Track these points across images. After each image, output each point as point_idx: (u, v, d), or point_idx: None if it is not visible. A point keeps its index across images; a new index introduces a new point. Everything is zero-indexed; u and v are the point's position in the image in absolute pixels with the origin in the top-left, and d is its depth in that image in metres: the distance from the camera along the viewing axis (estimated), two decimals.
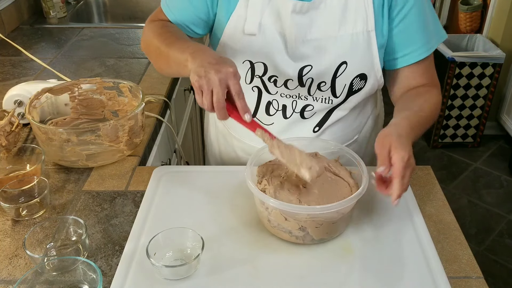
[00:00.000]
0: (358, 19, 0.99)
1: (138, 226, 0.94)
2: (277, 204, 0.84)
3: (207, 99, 0.84)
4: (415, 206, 0.99)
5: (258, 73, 1.06)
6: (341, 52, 1.01)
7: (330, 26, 1.00)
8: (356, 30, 1.00)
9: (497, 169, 2.92)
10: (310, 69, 1.03)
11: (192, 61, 0.89)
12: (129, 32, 1.93)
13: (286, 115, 1.11)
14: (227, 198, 1.01)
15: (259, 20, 1.00)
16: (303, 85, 1.05)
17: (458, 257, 0.88)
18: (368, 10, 0.99)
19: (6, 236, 0.93)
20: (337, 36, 1.00)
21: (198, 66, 0.86)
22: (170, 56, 0.96)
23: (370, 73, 1.04)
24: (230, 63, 0.86)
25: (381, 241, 0.91)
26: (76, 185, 1.07)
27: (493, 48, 2.87)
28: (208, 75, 0.83)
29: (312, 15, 0.99)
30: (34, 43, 1.84)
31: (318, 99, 1.08)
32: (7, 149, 1.08)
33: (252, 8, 1.00)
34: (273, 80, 1.06)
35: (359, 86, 1.06)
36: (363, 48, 1.01)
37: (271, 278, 0.83)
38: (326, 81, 1.04)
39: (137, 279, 0.83)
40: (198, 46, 0.93)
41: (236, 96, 0.85)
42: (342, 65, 1.02)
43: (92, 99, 1.25)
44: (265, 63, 1.04)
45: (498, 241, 2.41)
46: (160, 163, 1.40)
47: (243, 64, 1.06)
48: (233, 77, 0.84)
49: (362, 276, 0.84)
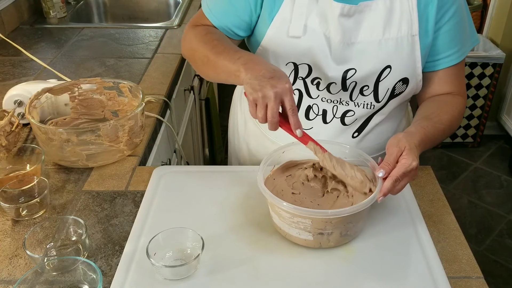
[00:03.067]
0: (403, 23, 0.99)
1: (138, 226, 0.94)
2: (290, 208, 0.83)
3: (261, 113, 0.85)
4: (415, 206, 0.99)
5: (302, 75, 1.05)
6: (385, 56, 1.01)
7: (375, 29, 0.99)
8: (401, 34, 0.99)
9: (497, 169, 2.92)
10: (354, 72, 1.02)
11: (245, 72, 0.89)
12: (129, 32, 1.93)
13: (326, 120, 1.10)
14: (227, 198, 1.01)
15: (304, 23, 1.00)
16: (346, 89, 1.05)
17: (458, 257, 0.88)
18: (413, 14, 0.99)
19: (6, 236, 0.93)
20: (381, 40, 1.00)
21: (253, 79, 0.86)
22: (219, 65, 0.96)
23: (412, 77, 1.04)
24: (285, 78, 0.87)
25: (381, 241, 0.91)
26: (76, 185, 1.07)
27: (493, 48, 2.87)
28: (263, 89, 0.84)
29: (357, 18, 0.99)
30: (34, 43, 1.84)
31: (360, 105, 1.07)
32: (7, 149, 1.08)
33: (297, 10, 1.00)
34: (316, 83, 1.06)
35: (400, 90, 1.06)
36: (407, 52, 1.01)
37: (271, 278, 0.83)
38: (369, 85, 1.04)
39: (137, 279, 0.83)
40: (250, 56, 0.93)
41: (290, 111, 0.86)
42: (386, 69, 1.02)
43: (92, 99, 1.25)
44: (309, 65, 1.03)
45: (498, 241, 2.41)
46: (160, 163, 1.40)
47: (286, 66, 1.05)
48: (288, 93, 0.85)
49: (362, 276, 0.84)
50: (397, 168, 0.85)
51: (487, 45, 2.93)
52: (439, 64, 1.06)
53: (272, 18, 1.02)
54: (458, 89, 1.08)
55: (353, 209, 0.83)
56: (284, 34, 1.02)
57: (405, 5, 0.98)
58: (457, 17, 1.01)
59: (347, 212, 0.83)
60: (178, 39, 1.85)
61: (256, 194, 0.99)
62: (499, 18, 2.95)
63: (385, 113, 1.10)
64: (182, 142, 1.81)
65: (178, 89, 1.71)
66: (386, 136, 1.15)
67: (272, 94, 0.84)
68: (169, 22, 2.01)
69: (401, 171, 0.85)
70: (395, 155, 0.87)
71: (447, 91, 1.07)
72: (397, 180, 0.85)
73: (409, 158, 0.85)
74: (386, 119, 1.12)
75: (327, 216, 0.83)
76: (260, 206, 0.98)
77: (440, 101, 1.05)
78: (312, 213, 0.83)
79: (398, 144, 0.88)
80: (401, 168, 0.85)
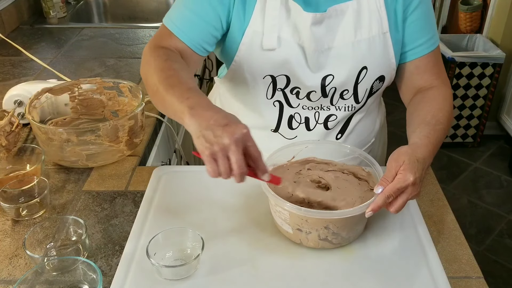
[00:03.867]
0: (372, 22, 1.00)
1: (138, 226, 0.94)
2: (272, 196, 0.85)
3: (224, 167, 0.75)
4: (415, 206, 0.99)
5: (280, 86, 1.05)
6: (360, 58, 1.01)
7: (346, 33, 1.00)
8: (372, 33, 1.00)
9: (497, 169, 2.92)
10: (332, 78, 1.03)
11: (191, 119, 0.78)
12: (129, 32, 1.93)
13: (309, 127, 1.10)
14: (227, 198, 1.01)
15: (277, 34, 0.99)
16: (326, 95, 1.05)
17: (458, 257, 0.88)
18: (381, 12, 1.00)
19: (6, 236, 0.93)
20: (354, 42, 1.00)
21: (204, 129, 0.75)
22: (166, 100, 0.85)
23: (388, 74, 1.05)
24: (241, 123, 0.77)
25: (381, 241, 0.91)
26: (76, 185, 1.07)
27: (493, 48, 2.87)
28: (221, 140, 0.74)
29: (328, 24, 0.99)
30: (34, 43, 1.84)
31: (341, 108, 1.08)
32: (7, 149, 1.08)
33: (269, 22, 0.98)
34: (295, 92, 1.06)
35: (377, 88, 1.07)
36: (380, 51, 1.01)
37: (271, 278, 0.83)
38: (349, 89, 1.05)
39: (137, 279, 0.83)
40: (200, 100, 0.82)
41: (256, 155, 0.77)
42: (362, 71, 1.02)
43: (92, 99, 1.25)
44: (287, 75, 1.03)
45: (498, 241, 2.41)
46: (160, 163, 1.40)
47: (264, 80, 1.04)
48: (250, 137, 0.76)
49: (362, 276, 0.84)
50: (392, 184, 0.81)
51: (487, 45, 2.93)
52: (413, 54, 1.06)
53: (243, 32, 1.00)
54: (439, 78, 1.07)
55: (327, 215, 0.83)
56: (257, 48, 0.99)
57: (372, 5, 0.99)
58: (423, 6, 1.02)
59: (319, 215, 0.82)
60: None
61: (256, 194, 0.99)
62: (499, 18, 2.95)
63: (364, 110, 1.12)
64: (182, 142, 1.81)
65: None
66: (367, 131, 1.17)
67: (233, 142, 0.73)
68: None
69: (395, 187, 0.81)
70: (393, 171, 0.83)
71: (429, 82, 1.06)
72: (390, 196, 0.81)
73: (406, 173, 0.81)
74: (365, 116, 1.14)
75: (300, 213, 0.82)
76: (260, 206, 0.98)
77: (429, 98, 1.03)
78: (289, 207, 0.83)
79: (397, 159, 0.84)
80: (395, 184, 0.81)
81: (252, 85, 1.06)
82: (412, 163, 0.82)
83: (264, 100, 1.08)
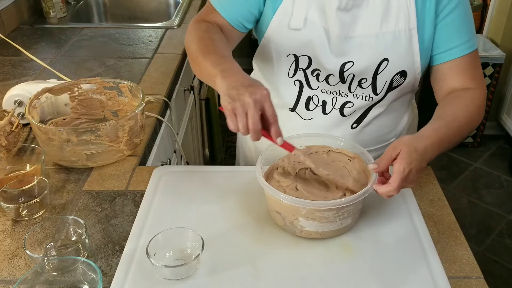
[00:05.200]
0: (400, 17, 1.01)
1: (138, 226, 0.94)
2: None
3: (242, 123, 0.83)
4: (415, 206, 0.99)
5: (302, 66, 1.08)
6: (382, 49, 1.03)
7: (372, 23, 1.02)
8: (398, 28, 1.01)
9: (497, 169, 2.92)
10: (351, 65, 1.04)
11: (222, 80, 0.88)
12: (129, 32, 1.93)
13: (325, 111, 1.12)
14: (227, 198, 1.01)
15: (305, 15, 1.03)
16: (344, 81, 1.07)
17: (458, 257, 0.88)
18: (410, 9, 1.01)
19: (6, 236, 0.93)
20: (378, 33, 1.02)
21: (230, 88, 0.85)
22: (203, 66, 0.97)
23: (410, 70, 1.06)
24: (262, 86, 0.86)
25: (381, 241, 0.91)
26: (76, 185, 1.07)
27: (493, 48, 2.87)
28: (241, 97, 0.82)
29: (355, 12, 1.01)
30: (34, 43, 1.84)
31: (358, 97, 1.09)
32: (7, 149, 1.08)
33: (298, 3, 1.03)
34: (315, 74, 1.08)
35: (398, 83, 1.07)
36: (404, 46, 1.02)
37: (271, 278, 0.83)
38: (367, 78, 1.06)
39: (137, 279, 0.83)
40: (231, 65, 0.92)
41: (271, 118, 0.85)
42: (383, 62, 1.04)
43: (92, 99, 1.25)
44: (309, 56, 1.06)
45: (498, 241, 2.41)
46: (160, 163, 1.40)
47: (287, 58, 1.08)
48: (268, 100, 0.84)
49: (362, 277, 0.84)
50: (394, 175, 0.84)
51: (487, 45, 2.93)
52: (447, 55, 1.06)
53: (275, 10, 1.05)
54: (473, 80, 1.06)
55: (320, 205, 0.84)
56: (285, 26, 1.05)
57: (402, 0, 1.00)
58: (460, 9, 1.02)
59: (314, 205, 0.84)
60: (178, 39, 1.85)
61: (256, 194, 0.99)
62: (499, 18, 2.95)
63: (384, 105, 1.12)
64: (182, 142, 1.81)
65: (178, 89, 1.71)
66: (385, 129, 1.17)
67: (252, 101, 0.82)
68: (169, 22, 2.01)
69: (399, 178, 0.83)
70: (389, 155, 0.86)
71: (462, 84, 1.06)
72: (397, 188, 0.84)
73: (403, 161, 0.83)
74: (386, 112, 1.13)
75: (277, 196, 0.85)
76: (260, 205, 0.98)
77: (456, 97, 1.04)
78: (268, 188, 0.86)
79: (396, 146, 0.86)
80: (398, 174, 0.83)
81: (277, 63, 1.11)
82: (411, 152, 0.84)
83: (285, 78, 1.12)
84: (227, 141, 3.13)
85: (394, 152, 0.86)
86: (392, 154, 0.86)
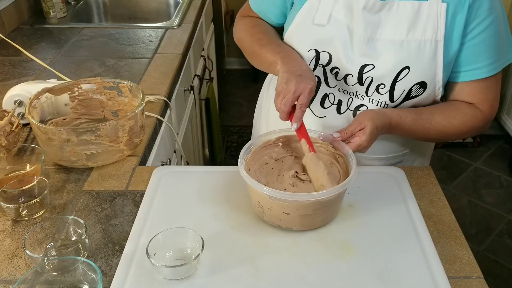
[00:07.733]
0: (428, 26, 0.98)
1: (138, 226, 0.94)
2: (270, 192, 0.87)
3: (280, 102, 0.95)
4: (415, 206, 0.99)
5: (322, 63, 1.08)
6: (405, 57, 1.00)
7: (398, 29, 0.99)
8: (425, 37, 0.99)
9: (497, 169, 2.92)
10: (371, 68, 1.03)
11: (282, 64, 1.01)
12: (129, 32, 1.93)
13: (340, 110, 1.11)
14: (227, 198, 1.01)
15: (330, 12, 1.03)
16: (362, 83, 1.05)
17: (458, 257, 0.89)
18: (440, 20, 0.98)
19: (6, 236, 0.93)
20: (404, 40, 1.00)
21: (285, 72, 0.98)
22: (262, 56, 1.10)
23: (431, 83, 1.03)
24: (311, 79, 0.96)
25: (381, 241, 0.91)
26: (76, 185, 1.07)
27: None
28: (289, 82, 0.95)
29: (382, 15, 1.00)
30: (34, 43, 1.84)
31: (374, 101, 1.07)
32: (7, 149, 1.08)
33: (325, 0, 1.04)
34: (334, 72, 1.07)
35: (416, 93, 1.04)
36: (428, 57, 1.00)
37: (271, 278, 0.83)
38: (386, 84, 1.03)
39: (137, 279, 0.83)
40: (289, 52, 1.06)
41: (298, 105, 0.95)
42: (404, 70, 1.01)
43: (92, 99, 1.25)
44: (330, 53, 1.05)
45: (498, 241, 2.41)
46: (160, 163, 1.40)
47: (308, 53, 1.08)
48: (307, 91, 0.94)
49: (362, 277, 0.84)
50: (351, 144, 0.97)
51: None
52: (466, 76, 1.04)
53: (302, 4, 1.07)
54: (480, 103, 1.06)
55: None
56: (309, 21, 1.06)
57: (433, 9, 0.97)
58: (490, 31, 0.99)
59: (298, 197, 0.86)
60: (178, 39, 1.85)
61: None
62: None
63: None
64: (182, 142, 1.81)
65: (178, 89, 1.71)
66: (399, 138, 1.13)
67: (293, 88, 0.93)
68: (169, 22, 2.01)
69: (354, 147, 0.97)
70: (353, 128, 0.97)
71: (470, 100, 1.07)
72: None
73: (363, 138, 0.96)
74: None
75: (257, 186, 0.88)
76: None
77: (450, 105, 1.05)
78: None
79: (362, 121, 0.97)
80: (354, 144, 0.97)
81: None
82: (372, 129, 0.96)
83: None
84: (227, 141, 3.13)
85: (359, 127, 0.97)
86: (357, 128, 0.97)
